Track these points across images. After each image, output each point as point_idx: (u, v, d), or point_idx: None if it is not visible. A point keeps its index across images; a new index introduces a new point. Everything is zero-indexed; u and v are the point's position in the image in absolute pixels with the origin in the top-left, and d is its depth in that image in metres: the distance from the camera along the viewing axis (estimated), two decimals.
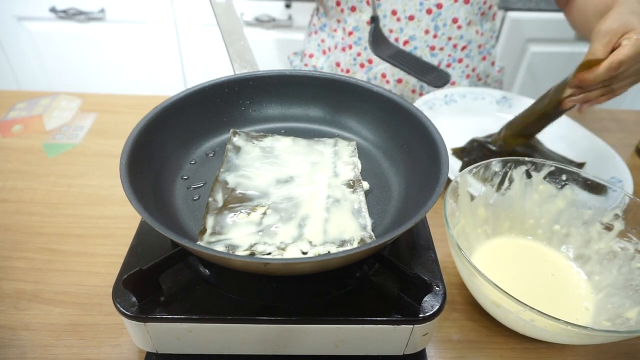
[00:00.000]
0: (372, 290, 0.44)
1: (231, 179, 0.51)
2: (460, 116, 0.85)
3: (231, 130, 0.57)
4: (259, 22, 1.38)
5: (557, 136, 0.79)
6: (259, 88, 0.58)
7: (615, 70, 0.57)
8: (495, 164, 0.57)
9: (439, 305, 0.42)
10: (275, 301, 0.43)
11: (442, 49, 0.90)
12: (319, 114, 0.61)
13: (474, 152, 0.75)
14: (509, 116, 0.87)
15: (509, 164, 0.57)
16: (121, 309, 0.40)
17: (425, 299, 0.42)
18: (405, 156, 0.53)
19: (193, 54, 1.48)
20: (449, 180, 0.59)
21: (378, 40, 0.81)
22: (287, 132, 0.59)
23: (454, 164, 0.75)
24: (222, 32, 0.61)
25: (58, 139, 0.80)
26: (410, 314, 0.41)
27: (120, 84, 1.55)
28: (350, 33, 0.90)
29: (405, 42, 0.88)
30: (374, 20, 0.81)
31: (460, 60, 0.92)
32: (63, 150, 0.77)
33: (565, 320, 0.41)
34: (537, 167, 0.57)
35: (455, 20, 0.86)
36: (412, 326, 0.42)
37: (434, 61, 0.91)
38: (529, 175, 0.58)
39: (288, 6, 1.36)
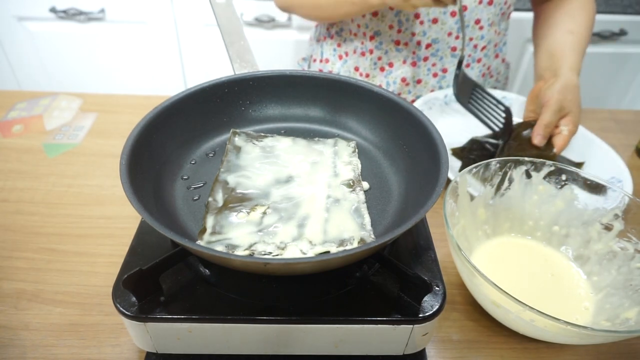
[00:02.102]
0: (372, 290, 0.44)
1: (231, 178, 0.51)
2: (460, 116, 0.85)
3: (231, 131, 0.57)
4: (259, 22, 1.39)
5: None
6: (259, 88, 0.58)
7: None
8: (495, 164, 0.57)
9: (438, 305, 0.42)
10: (275, 301, 0.43)
11: (463, 49, 0.90)
12: (319, 114, 0.61)
13: (474, 152, 0.75)
14: None
15: (508, 164, 0.57)
16: (121, 309, 0.41)
17: (425, 299, 0.42)
18: (405, 156, 0.53)
19: (193, 54, 1.48)
20: (448, 180, 0.59)
21: (462, 83, 0.77)
22: (287, 132, 0.59)
23: (454, 164, 0.75)
24: (222, 32, 0.61)
25: (58, 139, 0.80)
26: (410, 314, 0.41)
27: (120, 84, 1.55)
28: (371, 38, 0.90)
29: (428, 45, 0.88)
30: (460, 63, 0.76)
31: (479, 60, 0.93)
32: (63, 150, 0.77)
33: (565, 320, 0.41)
34: (537, 167, 0.57)
35: (477, 22, 0.87)
36: (412, 326, 0.42)
37: (454, 62, 0.91)
38: (528, 176, 0.58)
39: None
